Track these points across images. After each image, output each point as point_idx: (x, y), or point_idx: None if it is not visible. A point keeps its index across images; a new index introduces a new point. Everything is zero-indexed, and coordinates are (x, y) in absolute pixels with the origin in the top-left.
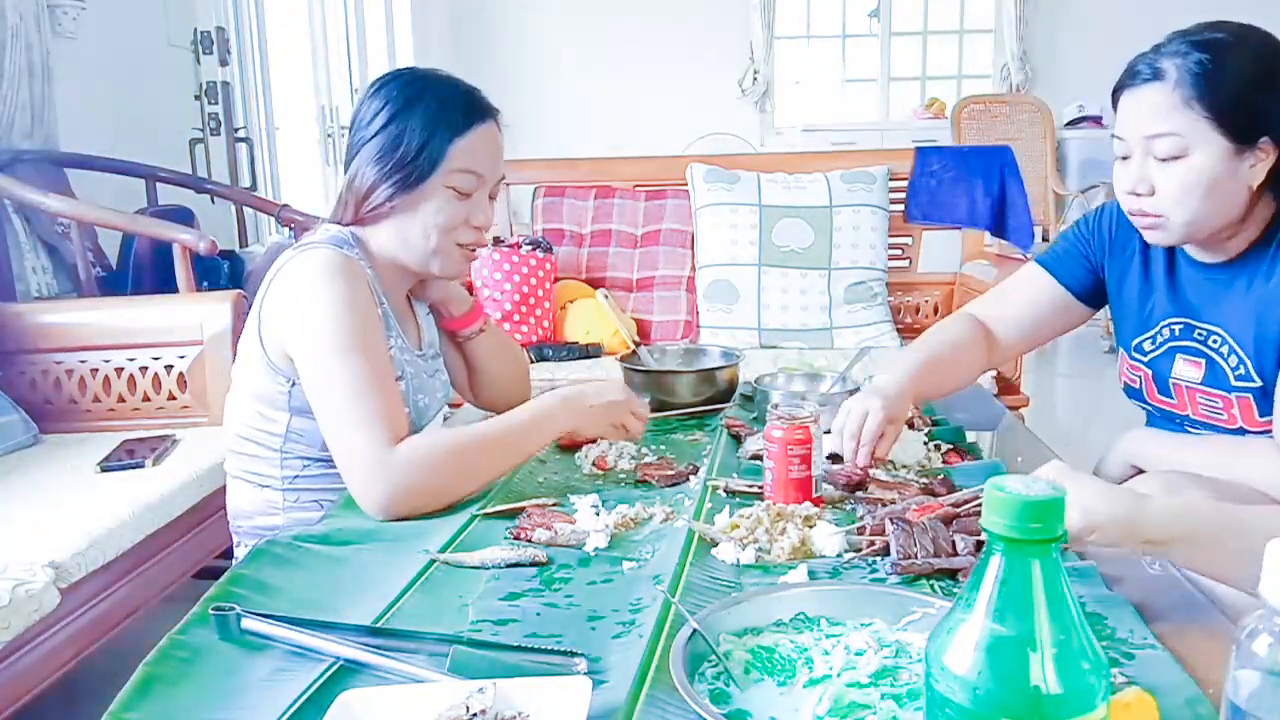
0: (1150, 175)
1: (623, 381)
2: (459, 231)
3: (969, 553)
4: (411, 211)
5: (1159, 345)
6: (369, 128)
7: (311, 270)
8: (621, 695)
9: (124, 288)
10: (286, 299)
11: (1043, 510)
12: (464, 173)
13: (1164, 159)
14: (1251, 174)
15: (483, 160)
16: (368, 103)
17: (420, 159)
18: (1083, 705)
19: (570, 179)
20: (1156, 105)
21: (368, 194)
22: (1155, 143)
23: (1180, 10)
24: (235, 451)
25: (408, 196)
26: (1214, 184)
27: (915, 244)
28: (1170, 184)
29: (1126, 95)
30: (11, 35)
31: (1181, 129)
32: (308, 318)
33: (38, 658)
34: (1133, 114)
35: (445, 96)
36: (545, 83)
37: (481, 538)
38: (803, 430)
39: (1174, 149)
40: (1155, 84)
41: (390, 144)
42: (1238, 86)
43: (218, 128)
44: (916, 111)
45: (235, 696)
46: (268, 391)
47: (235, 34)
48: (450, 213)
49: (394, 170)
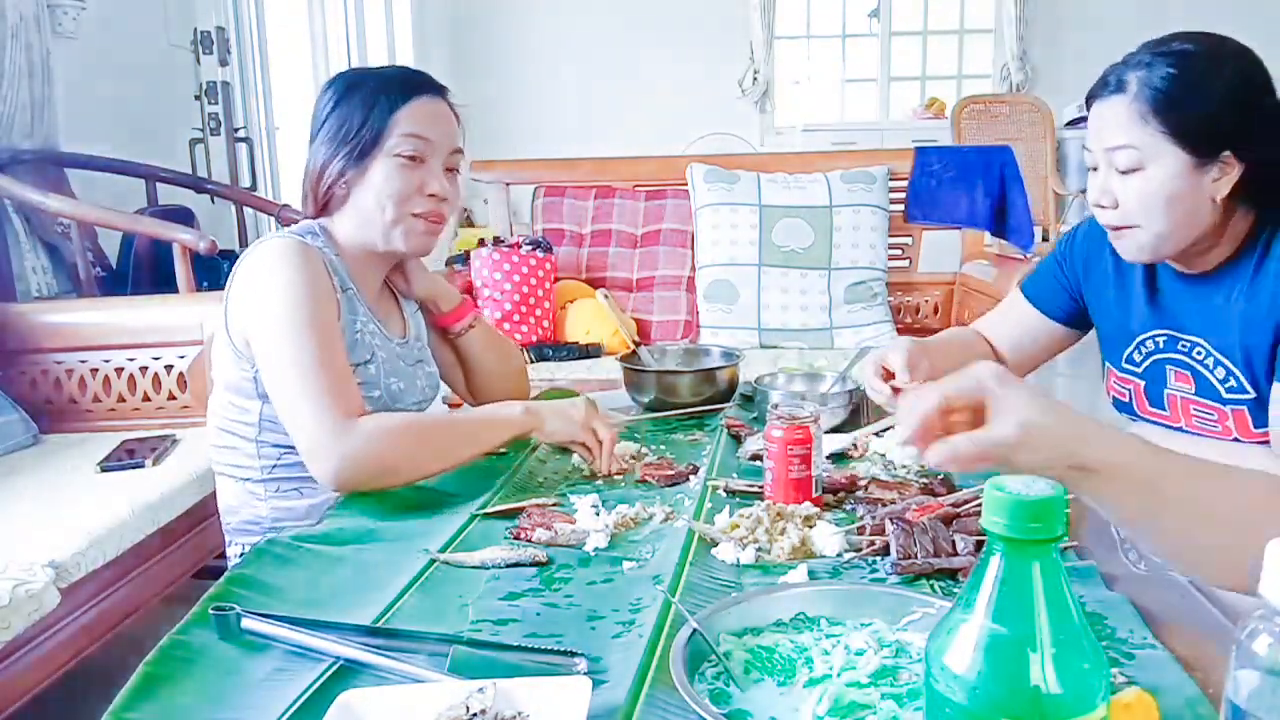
0: (1113, 187)
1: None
2: (413, 200)
3: (969, 553)
4: (364, 187)
5: (1146, 356)
6: (317, 119)
7: (265, 257)
8: (621, 695)
9: (124, 288)
10: (244, 286)
11: (1043, 510)
12: (409, 137)
13: (1124, 171)
14: (1215, 187)
15: (428, 127)
16: (319, 99)
17: (363, 130)
18: (1083, 705)
19: (570, 179)
20: (1116, 118)
21: (320, 176)
22: (1115, 155)
23: (1180, 10)
24: (215, 445)
25: (357, 171)
26: (1173, 197)
27: (915, 244)
28: (1130, 196)
29: (1094, 106)
30: (11, 35)
31: (1138, 142)
32: (261, 302)
33: (38, 658)
34: (1097, 126)
35: (386, 77)
36: (545, 83)
37: (481, 538)
38: (803, 430)
39: (1132, 161)
40: (1117, 96)
41: (336, 125)
42: (1197, 101)
43: (218, 128)
44: (916, 111)
45: (235, 696)
46: (237, 380)
47: (235, 34)
48: (401, 181)
49: (339, 146)
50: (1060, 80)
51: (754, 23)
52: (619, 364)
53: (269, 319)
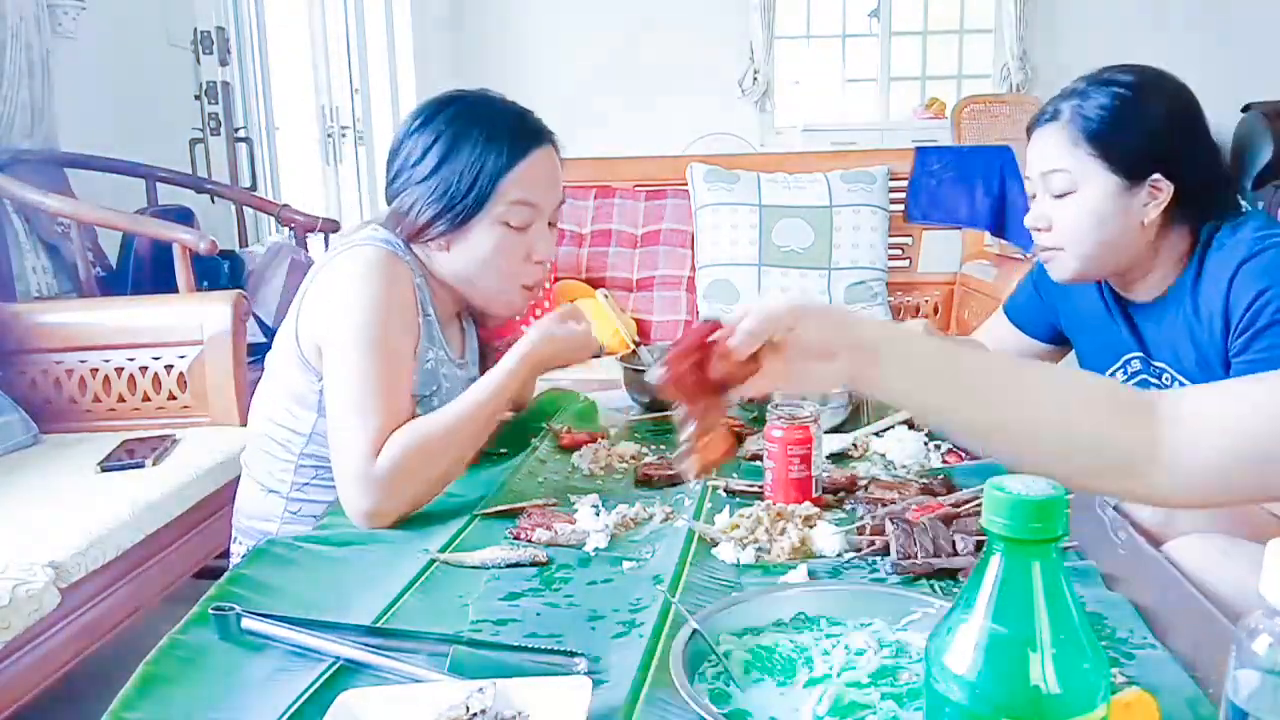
0: (1048, 211)
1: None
2: (522, 270)
3: (969, 553)
4: (466, 248)
5: (1131, 376)
6: (418, 165)
7: (355, 266)
8: (621, 695)
9: (124, 288)
10: (326, 291)
11: (1043, 510)
12: (517, 205)
13: (1058, 195)
14: (1144, 210)
15: (535, 190)
16: (415, 137)
17: (469, 197)
18: (1083, 705)
19: (570, 179)
20: (1050, 144)
21: (420, 229)
22: (1050, 179)
23: (1179, 10)
24: (254, 447)
25: (460, 231)
26: (1103, 218)
27: (915, 244)
28: (1065, 219)
29: (1033, 134)
30: (11, 35)
31: (1070, 166)
32: (340, 311)
33: (38, 658)
34: (1034, 152)
35: (495, 126)
36: (545, 83)
37: (481, 538)
38: (803, 430)
39: (1065, 185)
40: (1051, 124)
41: (443, 183)
42: (1126, 125)
43: (218, 128)
44: (916, 111)
45: (235, 696)
46: (299, 389)
47: (235, 34)
48: (510, 252)
49: (448, 210)
50: (1060, 80)
51: (754, 23)
52: (619, 364)
53: (343, 329)
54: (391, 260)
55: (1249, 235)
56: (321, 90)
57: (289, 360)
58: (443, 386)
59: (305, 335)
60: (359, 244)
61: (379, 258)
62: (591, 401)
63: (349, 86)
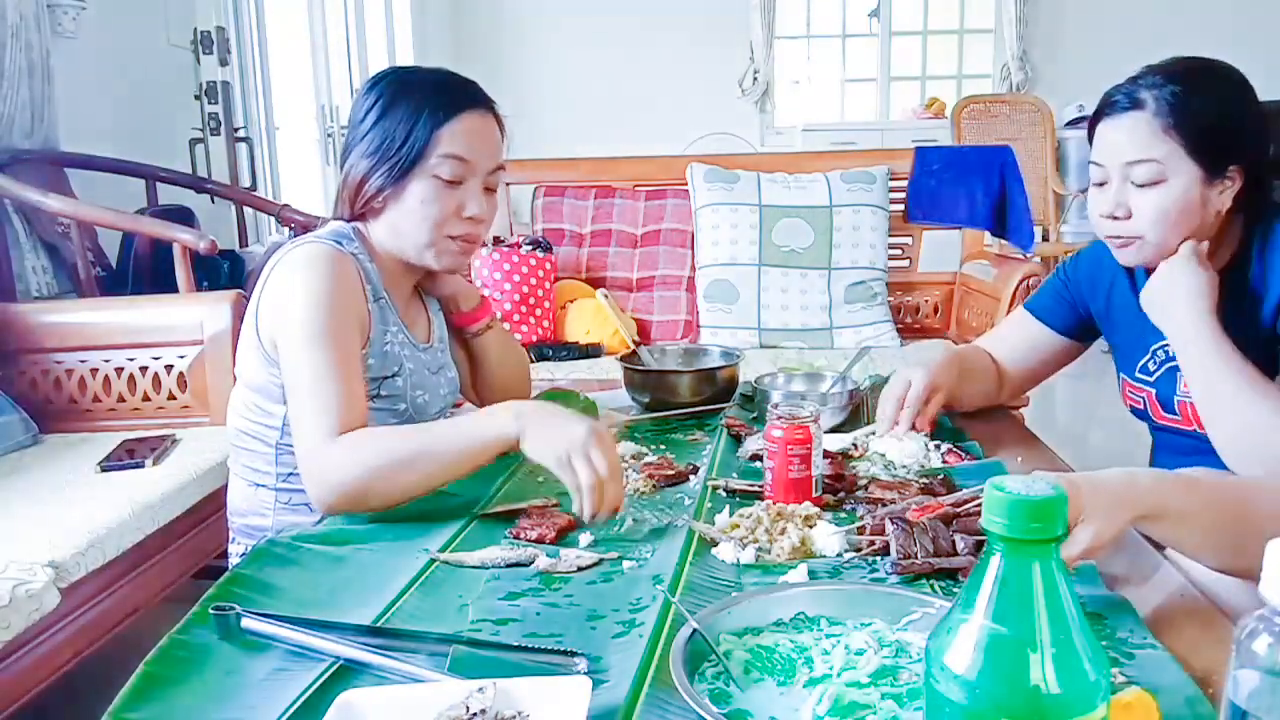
0: (1128, 200)
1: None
2: (450, 223)
3: (969, 553)
4: (401, 203)
5: (1160, 364)
6: (361, 125)
7: (297, 262)
8: (621, 695)
9: (124, 288)
10: (276, 289)
11: (1042, 510)
12: (450, 159)
13: (1142, 185)
14: (1220, 200)
15: (470, 147)
16: (360, 100)
17: (404, 147)
18: (1083, 705)
19: (570, 179)
20: (1135, 133)
21: (359, 187)
22: (1134, 169)
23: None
24: (234, 445)
25: (396, 188)
26: (1187, 209)
27: (915, 244)
28: (1147, 208)
29: (1105, 124)
30: (11, 35)
31: (1160, 156)
32: (287, 308)
33: (38, 658)
34: (1111, 142)
35: (433, 86)
36: (545, 82)
37: (481, 538)
38: (803, 430)
39: (1152, 175)
40: (1134, 113)
41: (379, 136)
42: (1210, 117)
43: (218, 128)
44: (916, 111)
45: (235, 696)
46: (263, 383)
47: (235, 34)
48: (440, 203)
49: (380, 161)
50: (1060, 80)
51: (754, 23)
52: (619, 364)
53: (292, 326)
54: (330, 254)
55: None
56: (321, 90)
57: (250, 357)
58: (405, 367)
59: (264, 332)
60: (304, 241)
61: (317, 253)
62: (591, 401)
63: (349, 86)
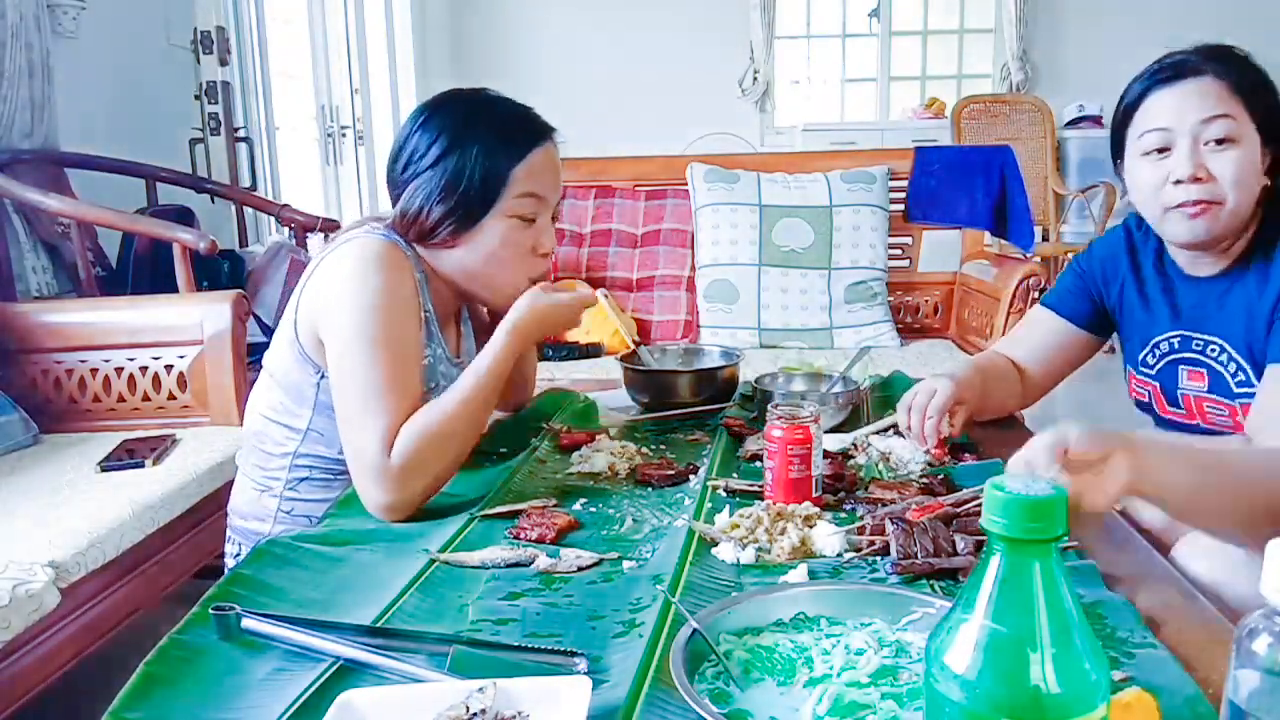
0: (1205, 160)
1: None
2: (528, 263)
3: (969, 553)
4: (474, 243)
5: (1160, 358)
6: (423, 160)
7: (356, 257)
8: (621, 695)
9: (124, 288)
10: (326, 284)
11: (1043, 510)
12: (526, 198)
13: (1219, 141)
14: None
15: (542, 183)
16: (418, 130)
17: (483, 189)
18: (1083, 705)
19: (570, 179)
20: (1207, 94)
21: (433, 230)
22: (1209, 127)
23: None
24: (249, 444)
25: (469, 226)
26: (1256, 173)
27: (915, 244)
28: (1227, 168)
29: (1168, 90)
30: (11, 35)
31: (1235, 113)
32: (343, 303)
33: (38, 658)
34: (1177, 105)
35: (501, 121)
36: (545, 83)
37: (481, 538)
38: (803, 430)
39: (1229, 130)
40: (1202, 77)
41: (451, 178)
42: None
43: (218, 128)
44: (916, 111)
45: (235, 696)
46: (297, 383)
47: (235, 34)
48: (516, 245)
49: (457, 205)
50: (1060, 80)
51: (754, 23)
52: (619, 364)
53: (348, 323)
54: (395, 250)
55: None
56: (321, 90)
57: (285, 354)
58: (440, 385)
59: (304, 328)
60: (359, 236)
61: (380, 248)
62: (591, 401)
63: (349, 86)
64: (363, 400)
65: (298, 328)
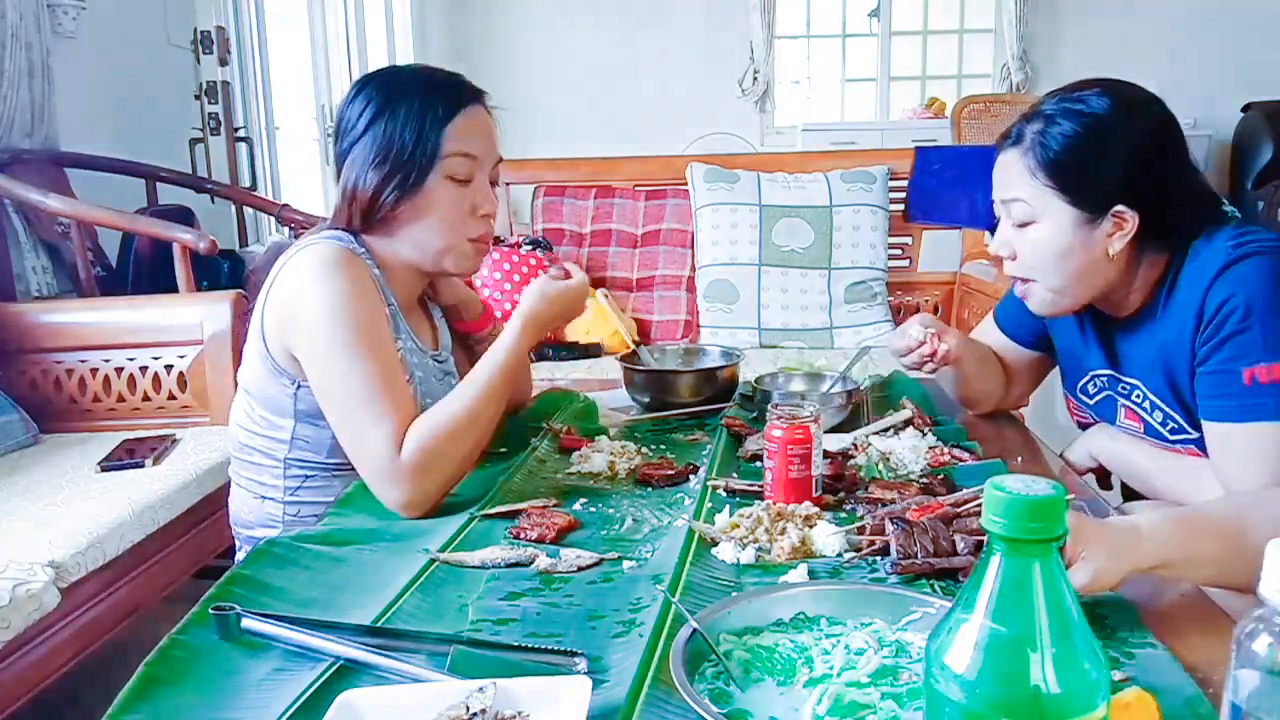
0: (1011, 239)
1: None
2: (468, 224)
3: (969, 553)
4: (415, 211)
5: (1098, 390)
6: (354, 131)
7: (312, 266)
8: (621, 695)
9: (124, 287)
10: (287, 298)
11: (1043, 510)
12: (460, 157)
13: (1019, 225)
14: (1108, 241)
15: (476, 142)
16: (350, 107)
17: (416, 152)
18: (1083, 705)
19: (570, 179)
20: (1009, 171)
21: (372, 201)
22: (1010, 207)
23: (1180, 10)
24: (238, 458)
25: (412, 195)
26: (1064, 251)
27: (915, 244)
28: (1025, 249)
29: (998, 156)
30: (11, 35)
31: (1028, 196)
32: (311, 316)
33: (38, 658)
34: (996, 177)
35: (427, 86)
36: (545, 82)
37: (481, 538)
38: (803, 430)
39: (1024, 215)
40: (1012, 149)
41: (383, 144)
42: (1086, 158)
43: (218, 127)
44: (916, 111)
45: (235, 696)
46: (273, 396)
47: (235, 34)
48: (454, 206)
49: (394, 171)
50: (1060, 80)
51: (754, 23)
52: (619, 364)
53: (321, 335)
54: (348, 254)
55: (1224, 244)
56: (321, 90)
57: (257, 369)
58: (415, 375)
59: (274, 343)
60: (310, 244)
61: (332, 252)
62: (591, 401)
63: (349, 86)
64: (360, 406)
65: (267, 343)
